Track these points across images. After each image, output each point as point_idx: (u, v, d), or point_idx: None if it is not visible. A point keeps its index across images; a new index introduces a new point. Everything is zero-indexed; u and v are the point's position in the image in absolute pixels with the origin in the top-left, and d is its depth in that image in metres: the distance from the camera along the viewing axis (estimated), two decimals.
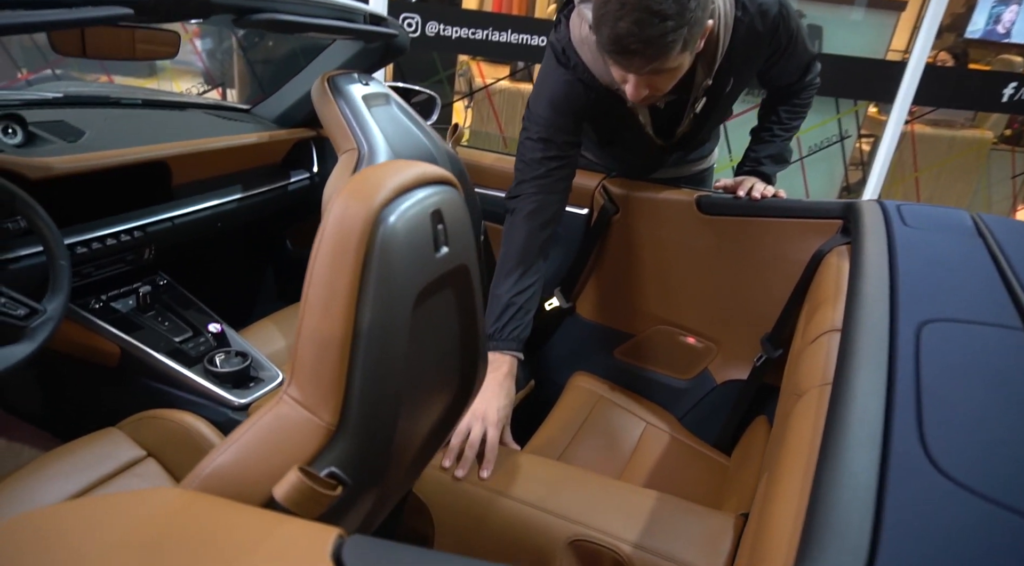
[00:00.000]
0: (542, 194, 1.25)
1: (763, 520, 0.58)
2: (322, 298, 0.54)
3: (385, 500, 0.85)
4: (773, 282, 1.33)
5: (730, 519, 1.00)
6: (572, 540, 0.96)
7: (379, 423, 0.58)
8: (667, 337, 1.51)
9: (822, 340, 0.80)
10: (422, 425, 0.75)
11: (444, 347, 0.71)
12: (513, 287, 1.22)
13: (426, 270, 0.60)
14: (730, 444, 1.41)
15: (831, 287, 0.96)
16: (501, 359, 1.18)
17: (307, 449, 0.54)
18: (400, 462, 0.74)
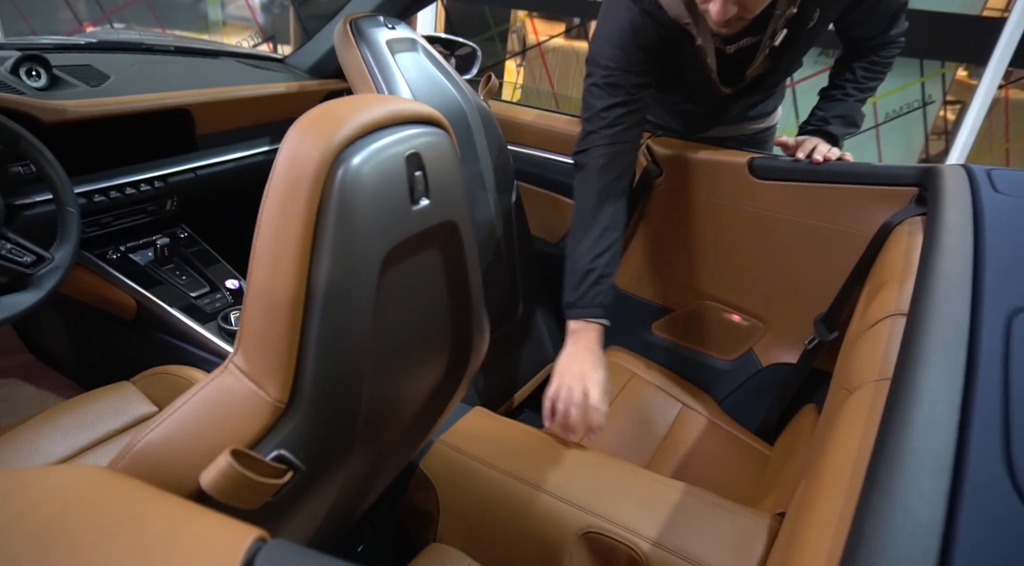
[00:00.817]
0: (613, 145, 1.14)
1: (796, 534, 0.48)
2: (270, 251, 0.46)
3: (374, 476, 0.78)
4: (832, 257, 1.18)
5: (765, 519, 0.89)
6: (585, 532, 0.88)
7: (338, 399, 0.50)
8: (710, 313, 1.38)
9: (883, 326, 0.67)
10: (410, 396, 0.67)
11: (427, 313, 0.62)
12: (591, 249, 1.12)
13: (399, 225, 0.51)
14: (774, 433, 1.29)
15: (899, 264, 0.83)
16: (587, 327, 1.10)
17: (251, 428, 0.47)
18: (382, 437, 0.66)
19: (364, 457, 0.65)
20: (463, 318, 0.67)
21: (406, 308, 0.57)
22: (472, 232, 0.62)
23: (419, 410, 0.72)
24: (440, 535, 0.98)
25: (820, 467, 0.52)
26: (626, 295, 1.49)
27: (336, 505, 0.64)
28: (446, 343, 0.69)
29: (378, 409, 0.61)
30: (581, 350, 1.08)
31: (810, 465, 0.63)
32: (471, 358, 0.73)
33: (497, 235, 1.38)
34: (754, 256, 1.29)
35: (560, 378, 1.06)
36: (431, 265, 0.59)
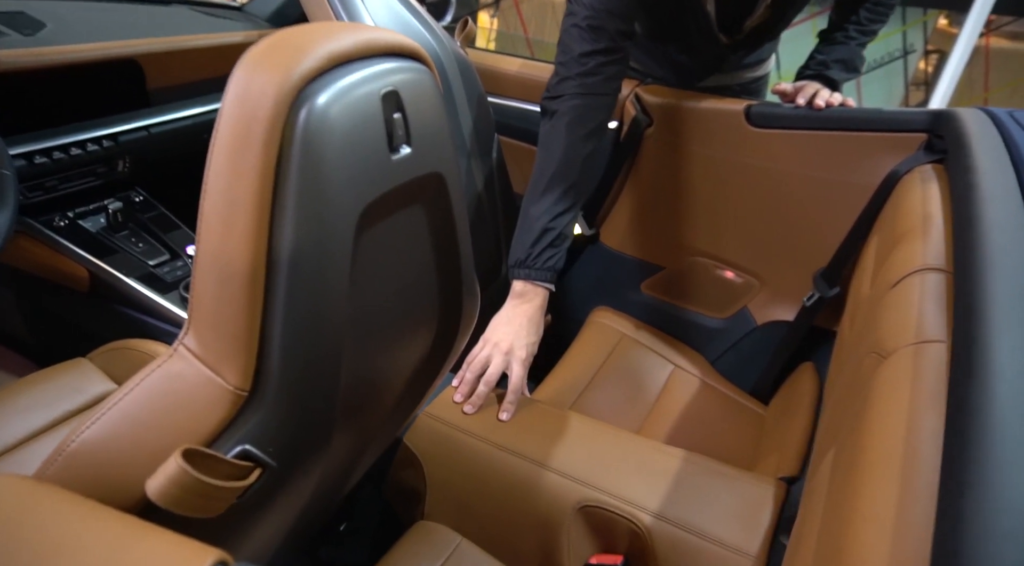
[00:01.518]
0: (588, 96, 1.04)
1: (844, 527, 0.42)
2: (221, 212, 0.38)
3: (357, 458, 0.72)
4: (833, 209, 1.13)
5: (770, 487, 0.85)
6: (582, 505, 0.83)
7: (312, 383, 0.43)
8: (702, 270, 1.33)
9: (911, 283, 0.62)
10: (396, 372, 0.61)
11: (412, 278, 0.55)
12: (551, 208, 1.03)
13: (376, 177, 0.43)
14: (769, 392, 1.25)
15: (917, 215, 0.77)
16: (533, 291, 1.02)
17: (207, 422, 0.40)
18: (365, 419, 0.59)
19: (345, 442, 0.59)
20: (451, 282, 0.60)
21: (388, 274, 0.50)
22: (460, 185, 0.54)
23: (406, 385, 0.65)
24: (428, 513, 0.93)
25: (859, 443, 0.46)
26: (614, 253, 1.42)
27: (316, 494, 0.58)
28: (434, 310, 0.62)
29: (359, 390, 0.54)
30: (519, 316, 0.99)
31: (835, 434, 0.58)
32: (461, 325, 0.67)
33: (478, 192, 1.30)
34: (749, 210, 1.23)
35: (485, 344, 0.97)
36: (415, 224, 0.52)
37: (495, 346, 0.97)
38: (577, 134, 1.03)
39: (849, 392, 0.58)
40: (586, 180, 1.07)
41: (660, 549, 0.78)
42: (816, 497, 0.54)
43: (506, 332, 0.98)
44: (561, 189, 1.03)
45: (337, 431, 0.51)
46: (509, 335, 0.98)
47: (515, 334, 0.98)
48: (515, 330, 0.98)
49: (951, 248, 0.65)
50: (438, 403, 0.97)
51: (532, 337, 1.00)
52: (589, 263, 1.46)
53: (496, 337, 0.98)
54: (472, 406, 0.94)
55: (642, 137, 1.30)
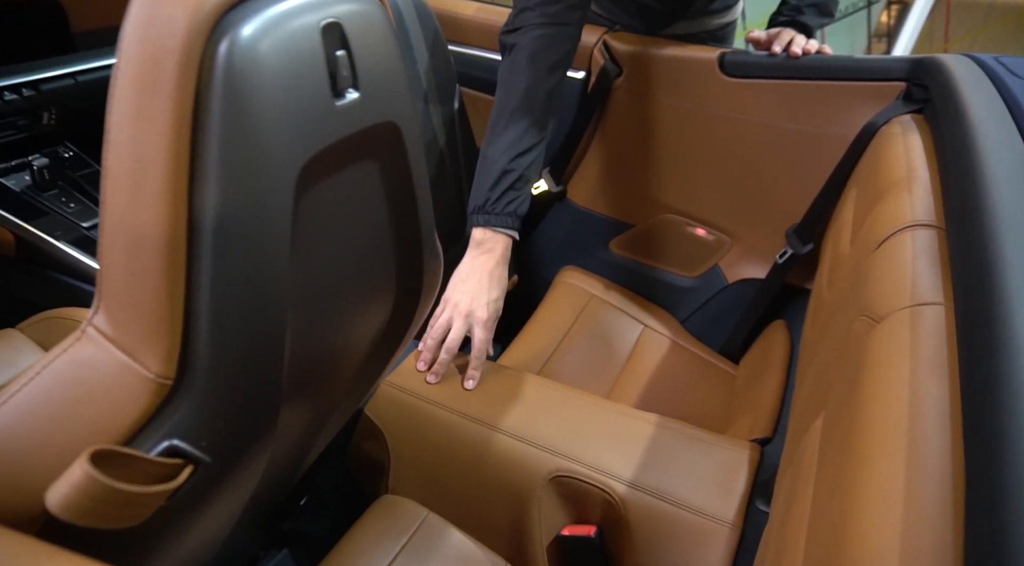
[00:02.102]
0: (550, 26, 0.95)
1: (846, 508, 0.38)
2: (128, 168, 0.32)
3: (314, 434, 0.67)
4: (806, 163, 1.09)
5: (744, 450, 0.83)
6: (554, 476, 0.79)
7: (250, 366, 0.37)
8: (672, 228, 1.29)
9: (899, 241, 0.58)
10: (352, 344, 0.55)
11: (365, 241, 0.49)
12: (512, 147, 0.94)
13: (318, 127, 0.37)
14: (739, 352, 1.23)
15: (899, 168, 0.73)
16: (494, 239, 0.93)
17: (124, 416, 0.34)
18: (320, 396, 0.54)
19: (298, 422, 0.54)
20: (411, 244, 0.54)
21: (337, 237, 0.44)
22: (419, 136, 0.48)
23: (366, 356, 0.60)
24: (392, 486, 0.88)
25: (856, 415, 0.43)
26: (582, 211, 1.37)
27: (266, 480, 0.53)
28: (392, 275, 0.56)
29: (311, 365, 0.48)
30: (478, 270, 0.91)
31: (822, 400, 0.54)
32: (423, 290, 0.61)
33: (439, 147, 1.23)
34: (721, 164, 1.18)
35: (444, 306, 0.91)
36: (367, 181, 0.46)
37: (455, 308, 0.90)
38: (540, 67, 0.96)
39: (838, 357, 0.55)
40: (549, 118, 0.99)
41: (634, 518, 0.76)
42: (803, 469, 0.51)
43: (465, 290, 0.91)
44: (522, 127, 0.95)
45: (285, 413, 0.46)
46: (468, 294, 0.90)
47: (475, 292, 0.91)
48: (475, 287, 0.91)
49: (941, 202, 0.62)
50: (400, 371, 0.92)
51: (494, 292, 0.92)
52: (556, 221, 1.41)
53: (455, 297, 0.91)
54: (435, 376, 0.88)
55: (611, 88, 1.24)
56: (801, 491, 0.49)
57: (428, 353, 0.90)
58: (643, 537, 0.76)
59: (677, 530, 0.75)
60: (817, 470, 0.48)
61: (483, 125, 1.41)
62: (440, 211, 1.28)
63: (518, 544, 0.81)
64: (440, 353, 0.89)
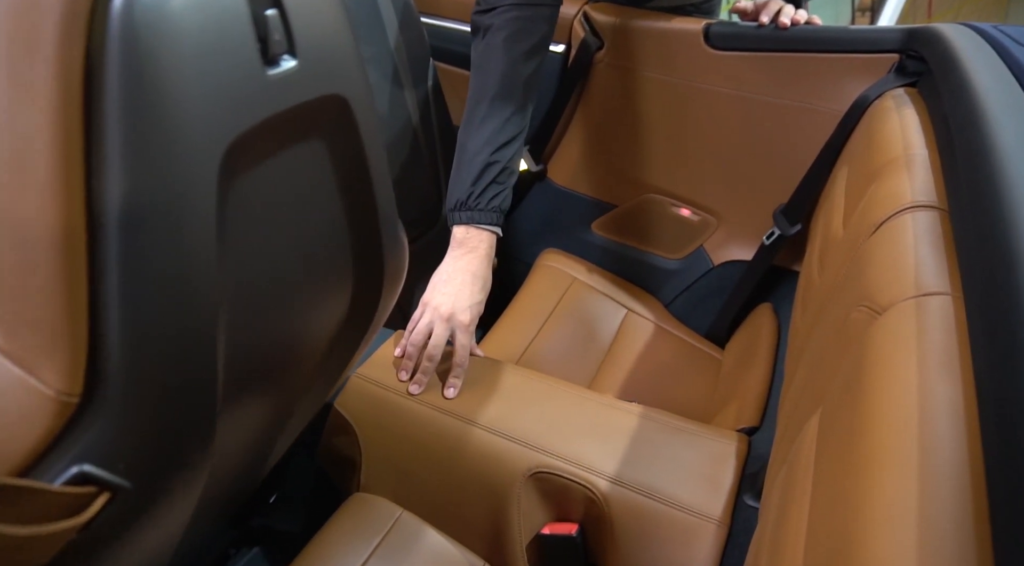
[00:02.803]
0: (526, 6, 0.90)
1: (848, 521, 0.35)
2: (6, 151, 0.26)
3: (275, 432, 0.62)
4: (795, 139, 1.05)
5: (731, 441, 0.80)
6: (533, 472, 0.76)
7: (176, 372, 0.33)
8: (656, 208, 1.25)
9: (899, 224, 0.54)
10: (304, 337, 0.50)
11: (313, 230, 0.44)
12: (492, 138, 0.89)
13: (247, 99, 0.32)
14: (725, 336, 1.19)
15: (894, 145, 0.69)
16: (477, 236, 0.88)
17: (22, 440, 0.29)
18: (273, 395, 0.49)
19: (250, 424, 0.49)
20: (367, 231, 0.49)
21: (280, 225, 0.39)
22: (372, 110, 0.43)
23: (326, 350, 0.55)
24: (364, 484, 0.84)
25: (859, 418, 0.39)
26: (563, 191, 1.33)
27: (214, 492, 0.48)
28: (348, 264, 0.51)
29: (256, 366, 0.44)
30: (460, 271, 0.86)
31: (818, 396, 0.51)
32: (385, 280, 0.56)
33: (412, 126, 1.17)
34: (706, 141, 1.14)
35: (424, 309, 0.86)
36: (312, 162, 0.40)
37: (435, 311, 0.84)
38: (516, 51, 0.90)
39: (834, 349, 0.51)
40: (530, 104, 0.94)
41: (617, 516, 0.72)
42: (798, 472, 0.47)
43: (446, 293, 0.85)
44: (503, 116, 0.90)
45: (229, 419, 0.41)
46: (450, 296, 0.85)
47: (456, 295, 0.85)
48: (456, 290, 0.85)
49: (942, 181, 0.58)
50: (372, 363, 0.88)
51: (477, 296, 0.87)
52: (537, 202, 1.36)
53: (436, 299, 0.85)
54: (418, 385, 0.82)
55: (592, 62, 1.18)
56: (797, 497, 0.46)
57: (409, 361, 0.84)
58: (627, 535, 0.72)
59: (662, 527, 0.71)
60: (814, 474, 0.44)
61: (460, 102, 1.35)
62: (414, 195, 1.24)
63: (497, 544, 0.78)
64: (422, 360, 0.83)
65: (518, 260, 1.39)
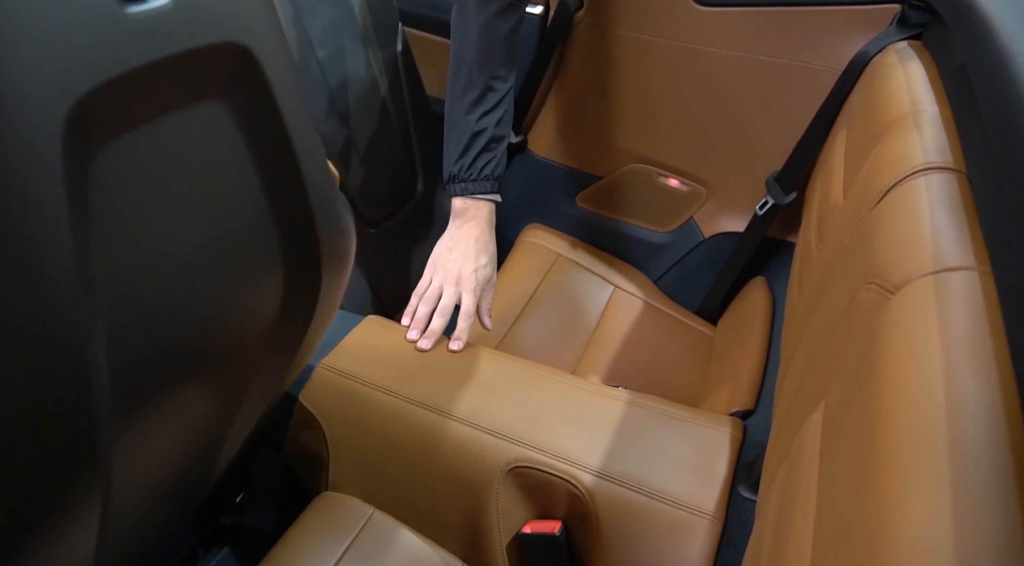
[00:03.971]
0: None
1: (868, 542, 0.30)
2: None
3: (216, 441, 0.56)
4: (789, 101, 0.98)
5: (725, 428, 0.74)
6: (512, 466, 0.70)
7: (30, 399, 0.26)
8: (642, 178, 1.18)
9: (911, 189, 0.48)
10: (226, 328, 0.44)
11: (223, 208, 0.37)
12: (476, 106, 0.87)
13: (96, 44, 0.25)
14: (717, 311, 1.14)
15: (899, 102, 0.63)
16: (476, 206, 0.89)
17: None
18: (198, 392, 0.43)
19: (181, 423, 0.43)
20: (295, 209, 0.42)
21: (176, 205, 0.32)
22: (289, 63, 0.36)
23: (262, 337, 0.48)
24: (332, 482, 0.79)
25: (874, 413, 0.33)
26: (543, 162, 1.25)
27: (156, 486, 0.42)
28: (272, 244, 0.44)
29: (171, 364, 0.37)
30: (464, 238, 0.89)
31: (822, 384, 0.45)
32: (324, 263, 0.49)
33: (381, 96, 1.09)
34: (694, 105, 1.07)
35: (432, 272, 0.88)
36: (212, 127, 0.33)
37: (444, 275, 0.87)
38: (490, 10, 0.85)
39: (839, 333, 0.45)
40: (512, 64, 0.91)
41: (603, 512, 0.67)
42: (802, 473, 0.42)
43: (453, 258, 0.88)
44: (484, 81, 0.87)
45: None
46: (457, 262, 0.87)
47: (462, 260, 0.87)
48: (461, 256, 0.88)
49: (957, 140, 0.52)
50: (339, 353, 0.82)
51: (482, 258, 0.89)
52: (516, 175, 1.29)
53: (442, 265, 0.88)
54: (428, 340, 0.82)
55: (572, 22, 1.11)
56: (800, 498, 0.40)
57: (420, 322, 0.84)
58: (614, 532, 0.67)
59: (652, 524, 0.66)
60: (820, 475, 0.39)
61: (432, 70, 1.28)
62: (386, 169, 1.16)
63: (475, 543, 0.72)
64: (434, 320, 0.84)
65: (500, 236, 1.32)
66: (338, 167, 1.01)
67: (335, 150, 1.01)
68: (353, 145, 1.04)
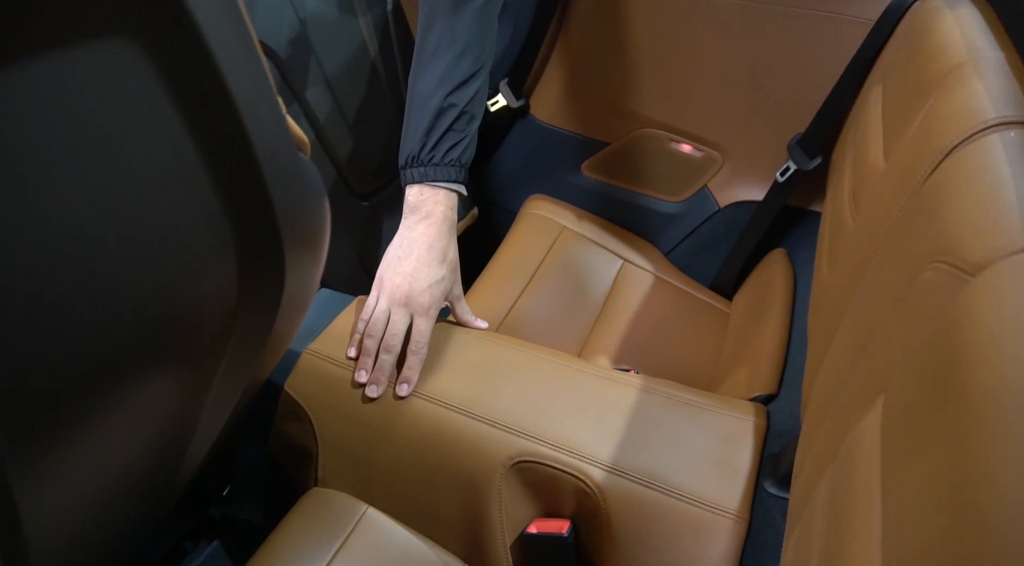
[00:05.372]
0: None
1: None
2: None
3: (184, 435, 0.51)
4: (814, 56, 0.90)
5: (748, 416, 0.68)
6: (516, 461, 0.64)
7: None
8: (653, 144, 1.10)
9: (981, 149, 0.41)
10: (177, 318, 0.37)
11: (144, 173, 0.30)
12: (446, 77, 0.73)
13: None
14: (733, 286, 1.07)
15: (953, 50, 0.55)
16: (433, 198, 0.73)
17: None
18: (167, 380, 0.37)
19: (137, 413, 0.37)
20: (240, 178, 0.35)
21: (60, 172, 0.25)
22: (241, 13, 0.28)
23: (217, 328, 0.42)
24: (322, 477, 0.73)
25: (964, 419, 0.27)
26: (546, 128, 1.18)
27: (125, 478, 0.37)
28: (214, 225, 0.37)
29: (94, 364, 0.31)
30: (416, 245, 0.72)
31: (873, 377, 0.39)
32: (286, 239, 0.41)
33: (370, 59, 1.01)
34: (709, 64, 0.98)
35: (379, 293, 0.73)
36: (117, 75, 0.26)
37: (391, 296, 0.71)
38: None
39: (900, 321, 0.38)
40: (491, 29, 0.77)
41: (615, 510, 0.61)
42: (856, 472, 0.36)
43: (401, 272, 0.72)
44: (455, 51, 0.73)
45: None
46: (406, 276, 0.71)
47: (413, 274, 0.71)
48: (412, 268, 0.72)
49: None
50: (326, 337, 0.75)
51: (437, 272, 0.73)
52: (519, 142, 1.21)
53: (390, 280, 0.72)
54: (376, 386, 0.69)
55: None
56: (861, 509, 0.34)
57: (366, 358, 0.70)
58: (627, 533, 0.61)
59: (669, 524, 0.60)
60: (887, 483, 0.32)
61: None
62: (375, 139, 1.09)
63: (476, 543, 0.67)
64: (380, 355, 0.70)
65: (501, 208, 1.25)
66: (324, 136, 0.94)
67: (320, 118, 0.93)
68: (340, 112, 0.97)
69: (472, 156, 0.76)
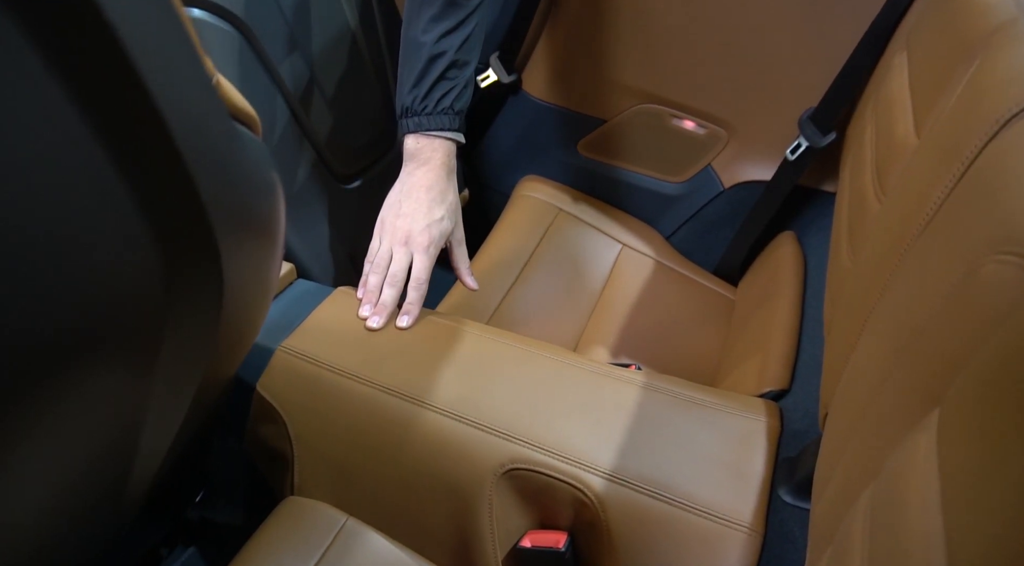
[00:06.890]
0: None
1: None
2: None
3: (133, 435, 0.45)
4: (826, 23, 0.83)
5: (759, 415, 0.63)
6: (508, 468, 0.59)
7: None
8: (653, 121, 1.03)
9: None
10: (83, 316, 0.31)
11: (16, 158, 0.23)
12: (434, 24, 0.73)
13: None
14: (739, 272, 1.01)
15: (998, 7, 0.49)
16: (429, 146, 0.75)
17: None
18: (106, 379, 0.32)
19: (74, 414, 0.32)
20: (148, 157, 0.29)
21: None
22: None
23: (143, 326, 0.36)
24: (298, 484, 0.68)
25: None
26: (540, 105, 1.11)
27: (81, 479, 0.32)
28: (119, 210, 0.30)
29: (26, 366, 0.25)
30: (415, 188, 0.75)
31: (916, 383, 0.33)
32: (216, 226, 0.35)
33: (351, 31, 0.94)
34: (713, 34, 0.92)
35: (380, 231, 0.76)
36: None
37: (392, 235, 0.74)
38: None
39: (956, 320, 0.33)
40: None
41: (616, 522, 0.56)
42: (910, 492, 0.30)
43: (400, 214, 0.75)
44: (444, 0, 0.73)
45: None
46: (405, 218, 0.74)
47: (412, 215, 0.74)
48: (411, 209, 0.74)
49: None
50: (301, 333, 0.70)
51: (436, 212, 0.75)
52: (511, 120, 1.14)
53: (390, 223, 0.75)
54: (378, 317, 0.70)
55: None
56: (918, 535, 0.29)
57: (370, 294, 0.72)
58: (629, 547, 0.56)
59: (675, 537, 0.55)
60: (949, 508, 0.27)
61: None
62: (360, 114, 1.02)
63: (465, 556, 0.62)
64: (384, 290, 0.72)
65: (493, 189, 1.19)
66: (299, 113, 0.87)
67: (296, 95, 0.86)
68: (318, 88, 0.90)
69: (468, 102, 0.77)
